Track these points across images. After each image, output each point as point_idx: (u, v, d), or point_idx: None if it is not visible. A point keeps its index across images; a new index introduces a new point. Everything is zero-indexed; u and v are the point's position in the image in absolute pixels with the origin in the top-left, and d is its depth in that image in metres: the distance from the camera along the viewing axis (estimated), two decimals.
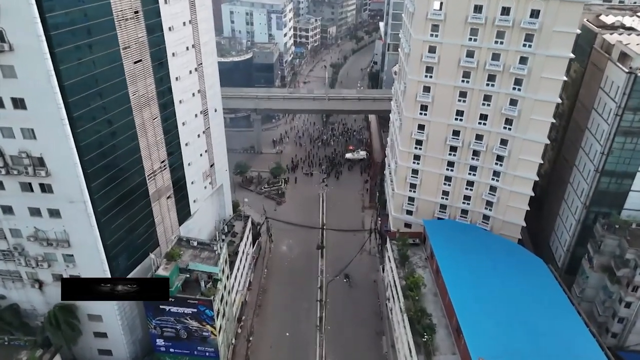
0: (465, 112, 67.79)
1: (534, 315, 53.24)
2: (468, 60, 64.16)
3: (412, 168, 75.87)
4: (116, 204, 50.54)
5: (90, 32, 43.80)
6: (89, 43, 43.91)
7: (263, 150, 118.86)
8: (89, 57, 44.20)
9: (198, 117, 62.72)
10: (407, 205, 79.04)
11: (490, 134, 67.29)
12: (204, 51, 61.14)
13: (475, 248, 63.46)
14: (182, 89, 58.15)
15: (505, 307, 54.04)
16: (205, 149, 65.88)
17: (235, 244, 68.65)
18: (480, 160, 69.97)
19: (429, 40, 65.63)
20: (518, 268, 60.46)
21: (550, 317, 53.29)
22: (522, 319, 52.65)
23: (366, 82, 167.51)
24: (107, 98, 47.03)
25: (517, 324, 52.19)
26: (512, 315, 53.03)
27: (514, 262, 61.66)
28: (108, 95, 47.08)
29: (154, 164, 55.46)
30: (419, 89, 69.39)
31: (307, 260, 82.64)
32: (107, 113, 47.38)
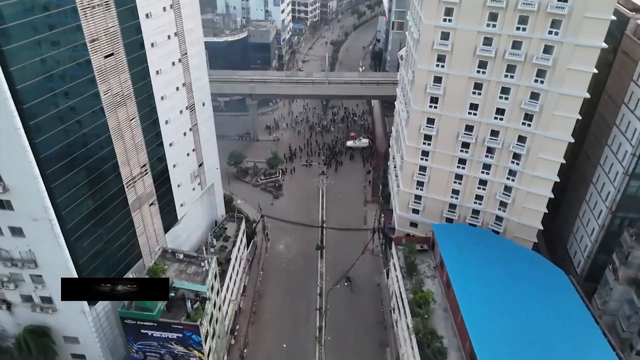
0: (480, 105, 61.51)
1: (556, 337, 48.05)
2: (485, 48, 57.51)
3: (420, 165, 69.92)
4: (89, 218, 44.74)
5: (48, 24, 37.15)
6: (47, 37, 37.33)
7: (259, 137, 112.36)
8: (48, 54, 37.66)
9: (183, 113, 56.29)
10: (413, 203, 73.37)
11: (507, 130, 61.19)
12: (189, 39, 54.26)
13: (489, 257, 57.87)
14: (164, 84, 51.60)
15: (524, 328, 48.85)
16: (192, 147, 59.67)
17: (227, 250, 63.17)
18: (494, 158, 64.01)
19: (441, 25, 58.77)
20: (538, 282, 55.00)
21: (575, 339, 48.24)
22: (543, 343, 47.48)
23: (368, 62, 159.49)
24: (73, 100, 40.69)
25: (538, 348, 47.03)
26: (532, 339, 47.80)
27: (532, 274, 56.18)
28: (74, 97, 40.72)
29: (133, 169, 49.38)
30: (429, 79, 62.85)
31: (306, 261, 77.37)
32: (73, 118, 41.07)
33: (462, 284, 53.76)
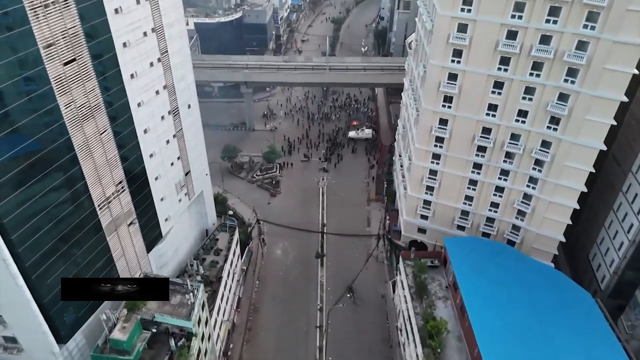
0: (500, 106, 55.05)
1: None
2: (508, 43, 50.71)
3: (430, 169, 63.66)
4: (54, 250, 38.64)
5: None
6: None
7: (255, 127, 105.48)
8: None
9: (165, 119, 49.59)
10: (421, 209, 67.51)
11: (529, 134, 54.92)
12: (170, 35, 47.12)
13: (508, 278, 52.04)
14: (141, 88, 44.78)
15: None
16: (177, 155, 53.16)
17: (218, 267, 57.43)
18: (514, 163, 57.90)
19: (459, 16, 51.71)
20: (562, 307, 49.39)
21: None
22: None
23: (371, 41, 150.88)
24: (25, 118, 34.04)
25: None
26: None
27: (556, 297, 50.45)
28: (27, 115, 34.08)
29: (107, 189, 43.07)
30: (443, 76, 56.11)
31: (305, 269, 71.84)
32: (26, 139, 34.48)
33: (479, 312, 48.12)
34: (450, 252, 55.78)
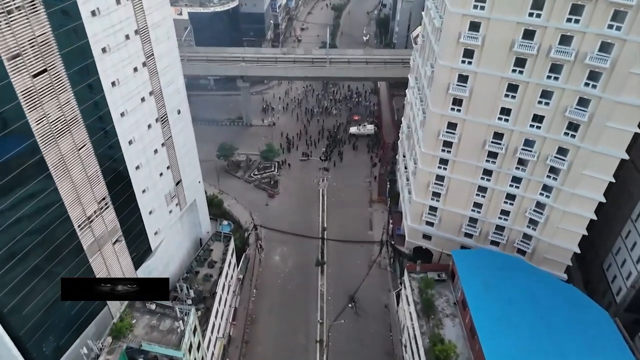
0: (514, 111, 51.34)
1: None
2: (525, 43, 46.79)
3: (437, 174, 60.04)
4: (28, 280, 35.31)
5: None
6: None
7: (253, 122, 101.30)
8: None
9: (153, 127, 45.78)
10: (427, 215, 64.08)
11: (545, 140, 51.32)
12: (156, 36, 43.07)
13: (521, 296, 48.75)
14: (125, 96, 40.92)
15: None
16: (166, 165, 49.51)
17: (212, 280, 54.17)
18: (527, 171, 54.37)
19: (471, 14, 47.63)
20: (579, 327, 46.22)
21: None
22: None
23: (373, 29, 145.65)
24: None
25: None
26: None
27: (572, 316, 47.24)
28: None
29: (88, 208, 39.51)
30: (452, 78, 52.19)
31: (305, 276, 68.58)
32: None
33: (490, 335, 45.05)
34: (458, 266, 52.44)
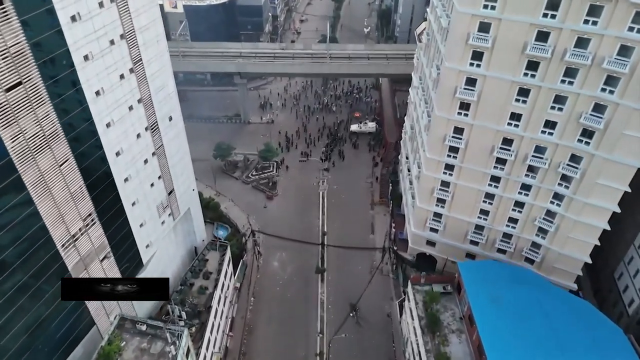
0: (525, 116, 48.63)
1: None
2: (539, 45, 44.01)
3: (442, 180, 57.47)
4: (9, 303, 32.98)
5: None
6: None
7: (251, 119, 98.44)
8: None
9: (142, 136, 43.08)
10: (431, 221, 61.66)
11: (557, 147, 48.71)
12: (144, 40, 40.17)
13: (531, 312, 46.37)
14: (110, 106, 38.17)
15: None
16: (158, 174, 46.88)
17: (207, 293, 51.86)
18: (537, 178, 51.82)
19: (481, 14, 44.73)
20: (592, 346, 43.89)
21: None
22: None
23: (374, 21, 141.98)
24: None
25: None
26: None
27: (585, 335, 44.87)
28: None
29: (72, 226, 37.00)
30: (459, 81, 49.39)
31: (304, 283, 66.32)
32: None
33: (499, 352, 42.83)
34: (465, 279, 50.04)
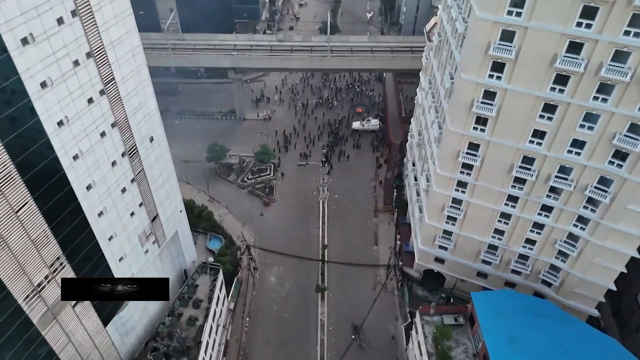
0: (549, 134, 43.63)
1: None
2: (570, 57, 38.68)
3: (454, 197, 52.60)
4: None
5: None
6: None
7: (247, 116, 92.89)
8: None
9: (119, 164, 38.00)
10: (440, 239, 57.12)
11: (585, 168, 43.58)
12: (117, 56, 34.72)
13: (553, 351, 42.07)
14: (78, 135, 33.01)
15: None
16: (139, 202, 41.96)
17: (197, 325, 47.47)
18: (560, 200, 47.04)
19: (504, 21, 39.19)
20: None
21: None
22: None
23: (377, 5, 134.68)
24: None
25: None
26: None
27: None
28: None
29: (36, 275, 32.32)
30: (477, 94, 44.10)
31: (303, 301, 61.98)
32: None
33: None
34: (479, 312, 45.53)
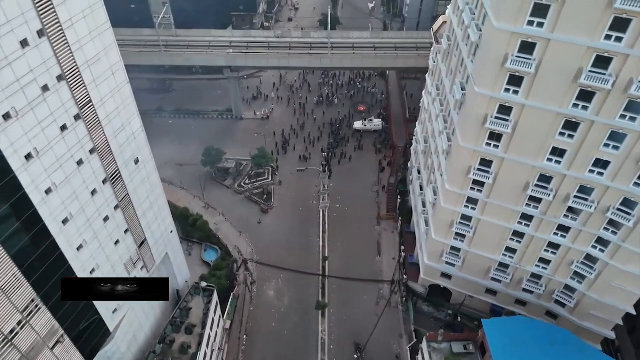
0: (570, 152, 40.27)
1: None
2: (597, 73, 35.12)
3: (463, 213, 49.35)
4: None
5: None
6: None
7: (244, 115, 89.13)
8: None
9: (100, 191, 34.63)
10: (448, 255, 53.99)
11: (607, 189, 40.12)
12: (94, 76, 31.10)
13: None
14: (50, 167, 29.62)
15: None
16: (124, 228, 38.70)
17: (190, 353, 44.61)
18: (579, 220, 43.74)
19: (524, 32, 35.47)
20: None
21: None
22: None
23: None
24: None
25: None
26: None
27: None
28: None
29: (6, 324, 29.23)
30: (490, 108, 40.49)
31: (303, 316, 59.18)
32: None
33: None
34: (491, 341, 42.57)
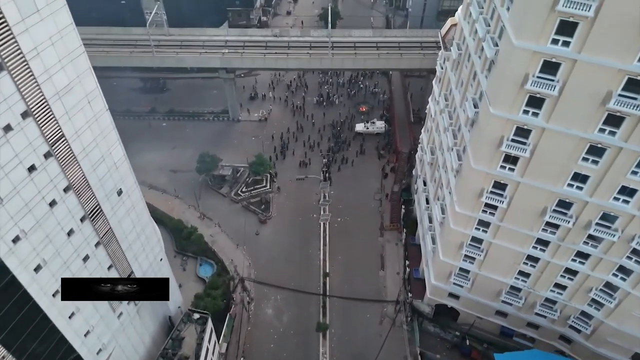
0: (593, 179, 37.02)
1: None
2: (628, 97, 31.90)
3: (473, 236, 46.22)
4: None
5: None
6: None
7: (240, 117, 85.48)
8: None
9: (77, 231, 31.44)
10: (456, 276, 50.98)
11: (633, 218, 36.93)
12: (66, 108, 27.61)
13: None
14: (18, 213, 26.38)
15: None
16: (107, 265, 35.62)
17: None
18: (599, 248, 40.50)
19: (548, 51, 31.70)
20: None
21: None
22: None
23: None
24: None
25: None
26: None
27: None
28: None
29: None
30: (507, 131, 36.99)
31: (303, 336, 56.35)
32: None
33: None
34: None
